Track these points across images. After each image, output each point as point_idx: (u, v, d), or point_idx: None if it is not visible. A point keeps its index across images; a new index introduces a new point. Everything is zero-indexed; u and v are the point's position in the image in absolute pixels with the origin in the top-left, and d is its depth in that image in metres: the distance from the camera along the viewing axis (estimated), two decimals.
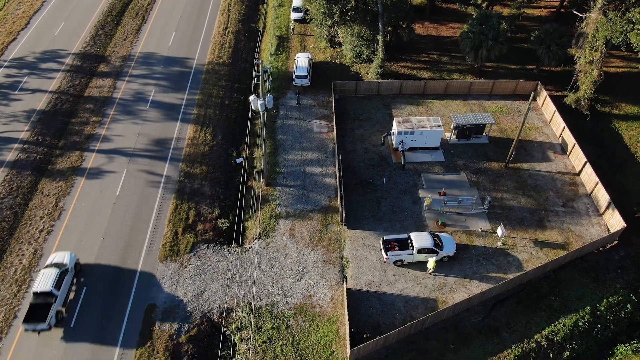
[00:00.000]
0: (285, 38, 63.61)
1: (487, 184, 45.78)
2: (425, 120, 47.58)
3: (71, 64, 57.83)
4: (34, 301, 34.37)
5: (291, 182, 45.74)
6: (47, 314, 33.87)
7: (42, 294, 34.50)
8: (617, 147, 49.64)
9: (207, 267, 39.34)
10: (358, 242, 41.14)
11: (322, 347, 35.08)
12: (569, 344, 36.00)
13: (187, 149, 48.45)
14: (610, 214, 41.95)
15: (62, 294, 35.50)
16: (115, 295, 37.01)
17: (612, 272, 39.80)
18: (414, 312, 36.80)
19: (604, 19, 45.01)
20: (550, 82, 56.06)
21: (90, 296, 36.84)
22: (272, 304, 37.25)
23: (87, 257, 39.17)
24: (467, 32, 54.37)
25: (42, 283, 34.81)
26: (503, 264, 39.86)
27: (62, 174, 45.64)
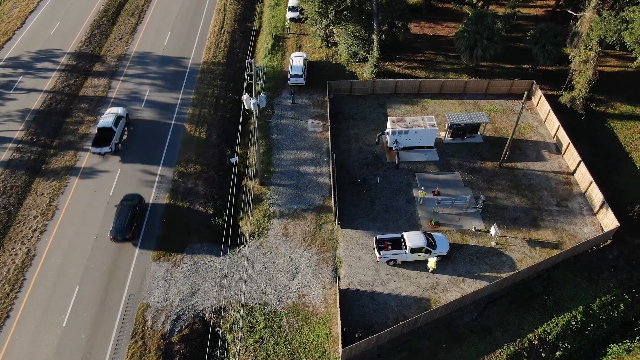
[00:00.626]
0: (281, 37, 63.57)
1: (482, 184, 45.76)
2: (419, 120, 47.56)
3: (66, 63, 57.81)
4: (99, 134, 46.79)
5: (285, 182, 45.73)
6: (110, 141, 46.40)
7: (105, 129, 46.88)
8: (612, 147, 49.60)
9: (200, 266, 39.33)
10: (351, 241, 41.12)
11: (314, 346, 35.07)
12: (561, 343, 35.99)
13: (181, 148, 48.36)
14: (604, 213, 41.92)
15: (119, 131, 47.74)
16: (107, 293, 37.02)
17: (605, 272, 39.78)
18: (407, 311, 36.79)
19: (598, 18, 44.99)
20: (546, 82, 56.01)
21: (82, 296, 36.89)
22: (265, 304, 37.25)
23: (80, 256, 39.19)
24: (463, 32, 54.31)
25: (104, 121, 47.28)
26: (496, 264, 39.85)
27: (56, 174, 45.64)
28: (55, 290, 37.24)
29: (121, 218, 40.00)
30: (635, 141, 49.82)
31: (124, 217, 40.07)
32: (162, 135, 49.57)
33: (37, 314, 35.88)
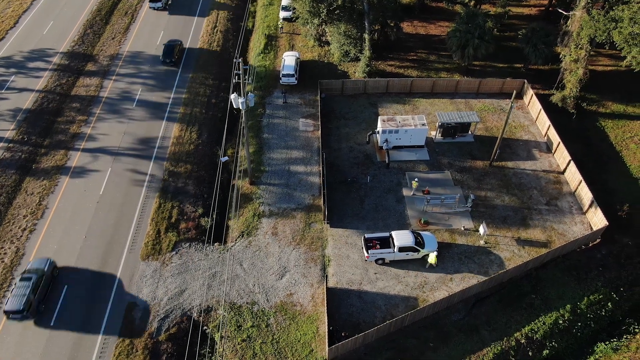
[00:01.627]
0: (274, 37, 63.59)
1: (472, 183, 45.78)
2: (409, 119, 47.58)
3: (59, 63, 57.85)
4: None
5: (275, 181, 45.76)
6: None
7: None
8: (603, 146, 49.60)
9: (188, 265, 39.37)
10: (340, 240, 41.15)
11: (301, 345, 35.11)
12: (548, 342, 36.00)
13: (172, 147, 48.48)
14: (593, 212, 41.93)
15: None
16: (96, 293, 37.06)
17: (594, 271, 39.78)
18: (394, 310, 36.81)
19: (587, 17, 44.99)
20: (538, 81, 56.01)
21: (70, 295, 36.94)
22: (253, 302, 37.29)
23: (69, 256, 39.22)
24: (454, 31, 54.33)
25: None
26: (485, 262, 39.87)
27: (46, 173, 45.68)
28: None
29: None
30: (625, 140, 49.83)
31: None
32: (152, 135, 49.58)
33: None
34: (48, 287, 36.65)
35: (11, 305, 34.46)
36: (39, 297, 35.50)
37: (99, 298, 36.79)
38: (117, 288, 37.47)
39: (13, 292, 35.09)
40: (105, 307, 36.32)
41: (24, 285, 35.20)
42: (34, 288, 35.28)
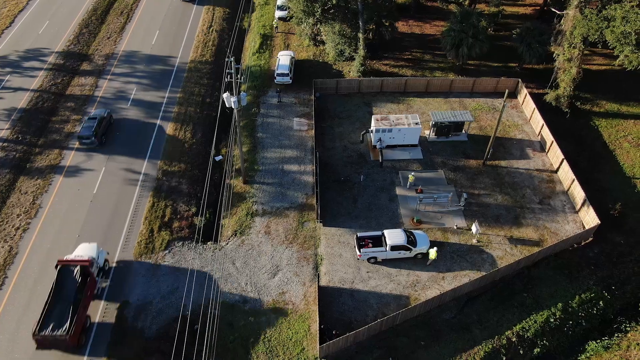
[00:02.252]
0: (269, 36, 63.67)
1: (465, 182, 45.86)
2: (403, 118, 47.65)
3: (54, 62, 57.95)
4: None
5: (269, 180, 45.85)
6: None
7: None
8: (596, 145, 49.68)
9: (181, 264, 39.46)
10: (333, 239, 41.24)
11: (293, 343, 35.20)
12: (539, 340, 36.08)
13: (166, 146, 48.50)
14: (586, 211, 42.01)
15: None
16: None
17: (585, 269, 39.86)
18: (386, 309, 36.90)
19: (580, 16, 45.06)
20: (532, 80, 56.08)
21: None
22: (245, 301, 37.36)
23: (63, 255, 39.18)
24: (448, 30, 54.45)
25: None
26: (477, 261, 39.96)
27: (40, 172, 45.77)
28: (37, 288, 37.32)
29: None
30: (619, 139, 49.91)
31: None
32: (147, 134, 49.67)
33: (18, 312, 35.98)
34: (107, 127, 48.55)
35: (83, 132, 46.99)
36: (101, 132, 47.50)
37: None
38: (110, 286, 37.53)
39: (83, 125, 47.84)
40: (97, 306, 36.32)
41: (91, 122, 47.64)
42: (98, 124, 47.41)
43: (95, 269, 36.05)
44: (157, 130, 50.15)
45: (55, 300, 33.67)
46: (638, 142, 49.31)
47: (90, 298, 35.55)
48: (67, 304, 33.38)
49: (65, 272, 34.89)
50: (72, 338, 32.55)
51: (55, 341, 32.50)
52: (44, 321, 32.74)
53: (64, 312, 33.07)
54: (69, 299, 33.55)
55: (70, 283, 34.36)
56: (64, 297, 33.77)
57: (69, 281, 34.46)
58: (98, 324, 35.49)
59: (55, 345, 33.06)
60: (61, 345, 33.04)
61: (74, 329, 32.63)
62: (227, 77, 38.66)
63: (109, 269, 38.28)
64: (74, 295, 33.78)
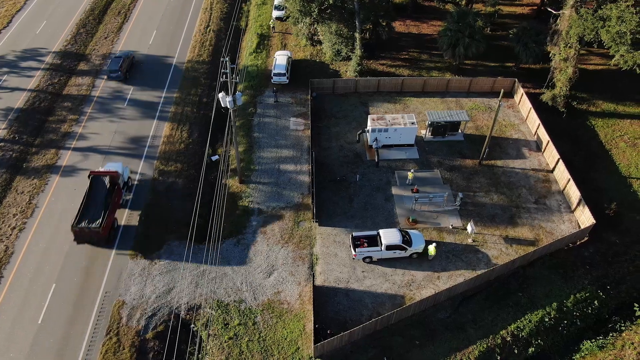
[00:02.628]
0: (267, 36, 63.71)
1: (461, 181, 45.90)
2: (399, 118, 47.70)
3: (51, 62, 58.00)
4: None
5: (265, 180, 45.90)
6: None
7: None
8: (592, 144, 49.72)
9: (177, 263, 39.50)
10: (329, 239, 41.29)
11: (288, 343, 35.25)
12: (534, 339, 36.13)
13: (162, 146, 48.63)
14: (581, 210, 42.04)
15: None
16: (84, 291, 37.24)
17: (580, 269, 39.89)
18: (381, 308, 36.94)
19: (576, 16, 45.10)
20: (529, 80, 56.10)
21: None
22: (240, 301, 37.43)
23: (58, 255, 39.38)
24: (445, 30, 54.51)
25: None
26: (472, 261, 40.00)
27: (36, 172, 45.83)
28: (32, 287, 37.43)
29: None
30: (615, 139, 49.95)
31: None
32: (143, 134, 49.73)
33: (14, 311, 36.08)
34: (130, 65, 56.25)
35: (111, 67, 54.76)
36: (125, 68, 55.14)
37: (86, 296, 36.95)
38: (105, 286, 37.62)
39: (111, 61, 55.36)
40: (93, 306, 36.45)
41: (118, 59, 55.26)
42: (123, 61, 54.88)
43: (120, 181, 42.08)
44: (153, 129, 50.21)
45: (89, 202, 39.70)
46: (634, 142, 49.36)
47: (118, 203, 41.61)
48: (99, 204, 39.49)
49: (97, 180, 40.90)
50: (104, 231, 38.71)
51: (90, 233, 38.52)
52: (80, 218, 38.78)
53: (96, 211, 39.17)
54: (100, 201, 39.64)
55: (101, 189, 40.35)
56: (96, 199, 39.77)
57: (100, 187, 40.44)
58: (124, 226, 41.35)
59: (90, 237, 38.93)
60: (94, 237, 38.89)
61: (105, 223, 38.66)
62: (223, 77, 38.63)
63: (132, 185, 44.23)
64: (104, 198, 39.78)
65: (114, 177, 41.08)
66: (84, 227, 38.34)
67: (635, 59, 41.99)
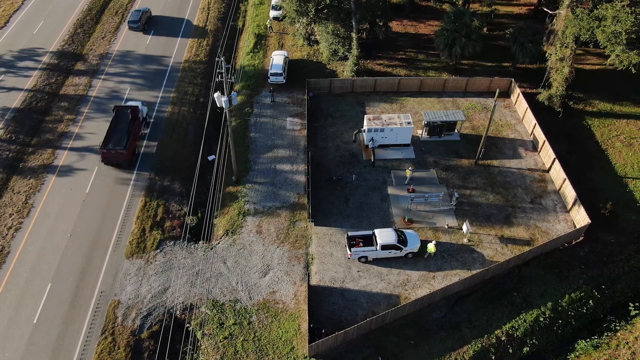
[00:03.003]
0: (264, 36, 63.74)
1: (457, 181, 45.94)
2: (395, 118, 47.74)
3: (48, 62, 58.03)
4: None
5: (261, 180, 45.94)
6: None
7: None
8: (589, 144, 49.74)
9: (172, 263, 39.57)
10: (324, 238, 41.34)
11: (283, 342, 35.31)
12: (529, 339, 36.18)
13: (159, 146, 48.62)
14: (577, 210, 42.08)
15: None
16: (80, 290, 37.31)
17: (576, 268, 39.93)
18: (376, 308, 36.99)
19: (572, 16, 45.13)
20: (526, 80, 56.15)
21: None
22: (236, 300, 37.48)
23: (53, 255, 39.44)
24: (442, 30, 54.53)
25: None
26: (468, 260, 40.05)
27: (33, 172, 45.89)
28: (28, 287, 37.50)
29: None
30: (611, 139, 49.98)
31: None
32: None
33: (9, 311, 36.15)
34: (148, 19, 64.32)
35: (132, 18, 62.64)
36: (144, 20, 62.77)
37: (82, 295, 37.03)
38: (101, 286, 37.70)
39: (132, 14, 63.43)
40: (88, 305, 36.52)
41: (137, 12, 63.06)
42: (143, 14, 62.89)
43: (140, 116, 48.60)
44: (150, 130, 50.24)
45: (114, 129, 46.34)
46: (630, 142, 49.40)
47: (138, 133, 47.93)
48: (122, 132, 46.11)
49: (120, 112, 47.98)
50: (128, 153, 45.34)
51: (115, 154, 45.15)
52: (106, 141, 45.55)
53: (120, 136, 45.78)
54: (123, 129, 46.33)
55: (124, 119, 47.14)
56: (120, 127, 46.54)
57: (123, 118, 47.23)
58: (143, 153, 47.47)
59: (115, 158, 45.50)
60: (119, 158, 45.48)
61: (128, 146, 45.26)
62: (218, 77, 38.66)
63: (149, 122, 50.57)
64: (127, 127, 46.48)
65: (135, 111, 47.87)
66: (110, 149, 44.86)
67: (630, 59, 42.04)
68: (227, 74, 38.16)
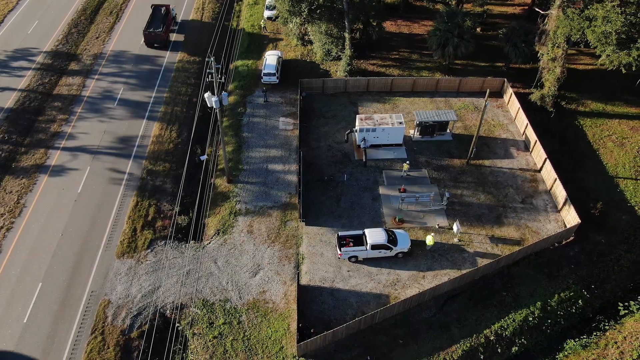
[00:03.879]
0: (258, 36, 63.79)
1: (448, 181, 46.03)
2: (387, 118, 47.83)
3: (42, 62, 58.08)
4: None
5: (253, 179, 46.03)
6: None
7: None
8: (581, 144, 49.81)
9: (163, 263, 39.67)
10: (315, 238, 41.43)
11: (272, 342, 35.42)
12: (518, 339, 36.29)
13: (151, 146, 48.78)
14: (567, 210, 42.17)
15: None
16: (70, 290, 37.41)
17: (565, 268, 40.04)
18: (366, 307, 37.09)
19: (563, 16, 45.20)
20: (519, 80, 56.21)
21: None
22: (226, 300, 37.59)
23: (44, 254, 39.53)
24: (435, 30, 54.61)
25: None
26: (458, 260, 40.15)
27: (25, 172, 45.97)
28: (19, 287, 37.60)
29: None
30: (603, 139, 50.06)
31: None
32: (133, 134, 49.89)
33: (0, 310, 36.23)
34: None
35: None
36: None
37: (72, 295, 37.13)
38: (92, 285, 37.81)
39: None
40: (78, 305, 36.62)
41: None
42: None
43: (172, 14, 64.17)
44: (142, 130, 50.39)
45: (153, 19, 61.26)
46: (622, 142, 49.48)
47: (170, 24, 62.86)
48: (159, 21, 60.96)
49: (157, 8, 63.13)
50: (164, 34, 60.07)
51: (155, 35, 59.67)
52: (148, 26, 60.27)
53: (158, 23, 60.69)
54: (160, 19, 61.40)
55: (159, 13, 62.39)
56: (157, 18, 61.43)
57: (159, 12, 62.45)
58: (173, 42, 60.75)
59: (155, 39, 60.07)
60: (158, 39, 59.98)
61: (164, 30, 60.04)
62: (208, 77, 38.77)
63: (177, 22, 65.46)
64: (162, 18, 61.49)
65: (167, 8, 62.73)
66: (151, 31, 59.32)
67: (620, 59, 42.11)
68: (218, 73, 38.21)
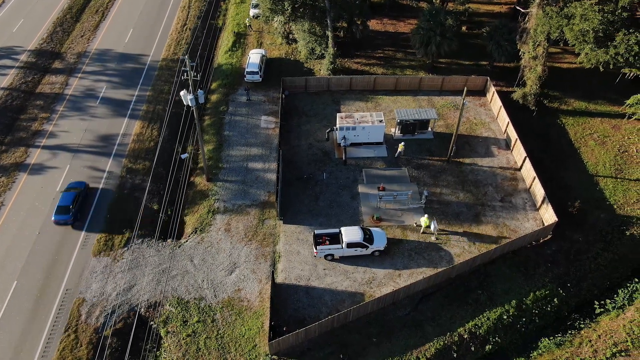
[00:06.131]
0: (243, 34, 63.77)
1: (428, 179, 45.97)
2: (367, 116, 47.76)
3: (26, 60, 58.10)
4: None
5: (232, 178, 45.99)
6: None
7: None
8: (562, 142, 49.74)
9: (139, 261, 39.65)
10: (292, 236, 41.39)
11: (245, 340, 35.39)
12: (492, 337, 36.23)
13: (132, 144, 48.76)
14: (545, 208, 42.12)
15: None
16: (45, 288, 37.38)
17: (542, 266, 39.98)
18: (341, 306, 37.03)
19: (542, 14, 45.15)
20: (502, 78, 56.13)
21: None
22: (200, 298, 37.56)
23: (21, 252, 39.52)
24: (417, 29, 54.54)
25: None
26: (434, 259, 40.10)
27: (4, 170, 45.94)
28: None
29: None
30: (585, 137, 49.99)
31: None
32: (114, 132, 49.86)
33: None
34: None
35: None
36: None
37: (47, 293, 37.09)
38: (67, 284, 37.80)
39: None
40: (53, 303, 36.63)
41: None
42: None
43: None
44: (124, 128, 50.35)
45: None
46: (603, 140, 49.42)
47: None
48: None
49: None
50: None
51: None
52: None
53: None
54: None
55: None
56: None
57: None
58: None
59: None
60: None
61: None
62: (183, 75, 38.72)
63: None
64: None
65: None
66: None
67: (598, 57, 42.06)
68: (193, 71, 38.15)
